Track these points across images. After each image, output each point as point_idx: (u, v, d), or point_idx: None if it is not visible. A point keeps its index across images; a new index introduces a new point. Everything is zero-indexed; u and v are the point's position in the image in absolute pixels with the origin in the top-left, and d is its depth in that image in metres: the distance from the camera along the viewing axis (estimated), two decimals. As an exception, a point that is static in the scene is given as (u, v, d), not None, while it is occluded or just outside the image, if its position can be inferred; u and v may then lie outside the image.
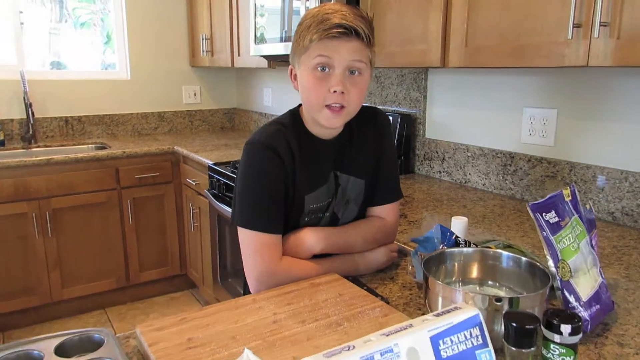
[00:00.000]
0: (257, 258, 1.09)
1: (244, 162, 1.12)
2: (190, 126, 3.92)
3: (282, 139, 1.12)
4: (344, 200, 1.22)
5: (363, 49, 1.08)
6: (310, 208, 1.17)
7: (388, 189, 1.26)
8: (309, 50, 1.07)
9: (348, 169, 1.21)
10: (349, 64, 1.07)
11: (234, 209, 1.13)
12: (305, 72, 1.09)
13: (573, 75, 1.71)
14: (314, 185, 1.17)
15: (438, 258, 1.01)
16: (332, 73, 1.06)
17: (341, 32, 1.04)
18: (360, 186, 1.23)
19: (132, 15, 3.54)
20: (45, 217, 2.84)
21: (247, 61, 2.98)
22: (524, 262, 0.95)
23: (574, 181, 1.72)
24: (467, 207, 1.81)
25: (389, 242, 1.25)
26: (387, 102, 2.49)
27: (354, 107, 1.11)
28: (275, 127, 1.14)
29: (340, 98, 1.06)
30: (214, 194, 2.56)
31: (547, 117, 1.80)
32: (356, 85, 1.08)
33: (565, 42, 1.31)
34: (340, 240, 1.18)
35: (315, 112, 1.10)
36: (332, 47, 1.05)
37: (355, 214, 1.24)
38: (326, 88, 1.06)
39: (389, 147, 1.27)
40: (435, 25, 1.69)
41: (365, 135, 1.23)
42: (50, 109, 3.38)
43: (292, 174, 1.12)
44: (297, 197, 1.14)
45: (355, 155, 1.21)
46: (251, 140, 1.12)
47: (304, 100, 1.13)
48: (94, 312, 3.15)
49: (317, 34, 1.04)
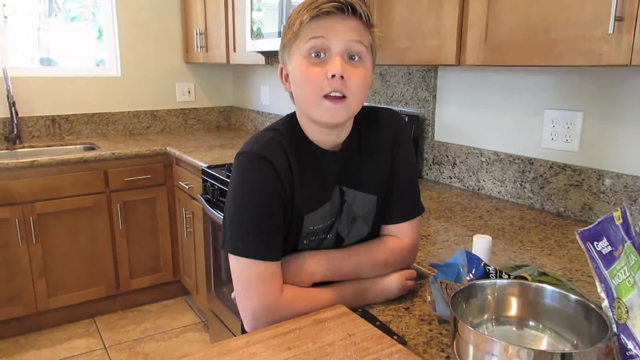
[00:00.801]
0: (253, 292, 0.93)
1: (234, 176, 0.96)
2: (185, 125, 3.75)
3: (278, 148, 0.95)
4: (350, 218, 1.05)
5: (362, 29, 0.93)
6: (310, 230, 1.01)
7: (405, 204, 1.09)
8: (300, 35, 0.92)
9: (356, 183, 1.04)
10: (347, 45, 0.91)
11: (224, 231, 0.96)
12: (298, 62, 0.93)
13: (602, 73, 1.55)
14: (315, 204, 1.00)
15: (467, 292, 0.85)
16: (328, 57, 0.91)
17: (335, 6, 0.90)
18: (371, 202, 1.06)
19: (122, 8, 3.36)
20: (29, 222, 2.68)
21: (243, 57, 2.81)
22: (574, 301, 0.79)
23: (602, 191, 1.56)
24: (484, 218, 1.65)
25: (405, 266, 1.09)
26: (393, 102, 2.33)
27: (356, 99, 0.94)
28: (270, 135, 0.97)
29: (340, 84, 0.91)
30: (208, 199, 2.39)
31: (572, 120, 1.64)
32: (357, 72, 0.93)
33: (604, 37, 1.15)
34: (346, 267, 1.02)
35: (313, 108, 0.94)
36: (326, 25, 0.91)
37: (367, 233, 1.08)
38: (323, 74, 0.91)
39: (407, 154, 1.09)
40: (450, 18, 1.53)
41: (377, 142, 1.06)
42: (36, 107, 3.20)
43: (289, 190, 0.96)
44: (295, 218, 0.98)
45: (364, 167, 1.05)
46: (242, 150, 0.96)
47: (299, 96, 0.97)
48: (82, 321, 2.99)
49: (308, 13, 0.90)
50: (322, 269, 1.00)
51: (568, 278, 1.19)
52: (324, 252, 1.03)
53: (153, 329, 2.91)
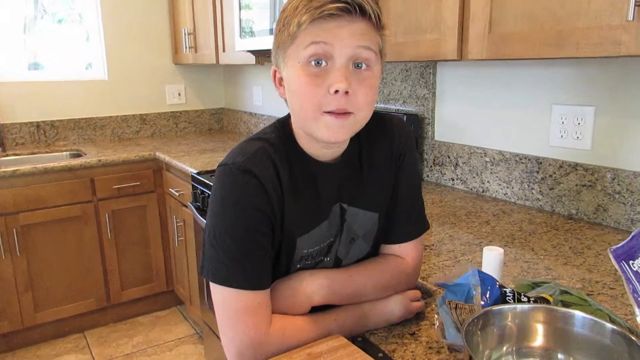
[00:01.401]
0: (239, 326, 0.80)
1: (215, 191, 0.83)
2: (175, 129, 3.63)
3: (266, 160, 0.83)
4: (349, 238, 0.94)
5: (372, 33, 0.79)
6: (304, 253, 0.89)
7: (410, 223, 0.97)
8: (298, 38, 0.78)
9: (357, 199, 0.92)
10: (354, 53, 0.77)
11: (203, 255, 0.84)
12: (295, 69, 0.79)
13: (614, 64, 1.44)
14: (310, 224, 0.88)
15: (482, 319, 0.74)
16: (331, 67, 0.77)
17: (341, 7, 0.75)
18: (372, 220, 0.94)
19: (107, 9, 3.24)
20: (13, 234, 2.55)
21: (233, 57, 2.69)
22: (609, 331, 0.68)
23: (618, 192, 1.45)
24: (490, 223, 1.54)
25: (409, 287, 0.97)
26: (390, 101, 2.21)
27: (363, 114, 0.81)
28: (258, 145, 0.85)
29: (344, 101, 0.77)
30: (198, 207, 2.28)
31: (582, 116, 1.53)
32: (365, 84, 0.79)
33: (623, 25, 1.04)
34: (347, 289, 0.90)
35: (310, 124, 0.81)
36: (330, 30, 0.76)
37: (366, 252, 0.97)
38: (324, 88, 0.77)
39: (412, 168, 0.97)
40: (451, 10, 1.42)
41: (381, 153, 0.94)
42: (20, 113, 3.08)
43: (279, 210, 0.84)
44: (286, 240, 0.86)
45: (366, 182, 0.93)
46: (225, 161, 0.83)
47: (295, 109, 0.83)
48: (71, 336, 2.87)
49: (308, 14, 0.75)
50: (322, 291, 0.88)
51: (588, 292, 1.08)
52: (323, 271, 0.91)
53: (146, 342, 2.79)
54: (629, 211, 1.43)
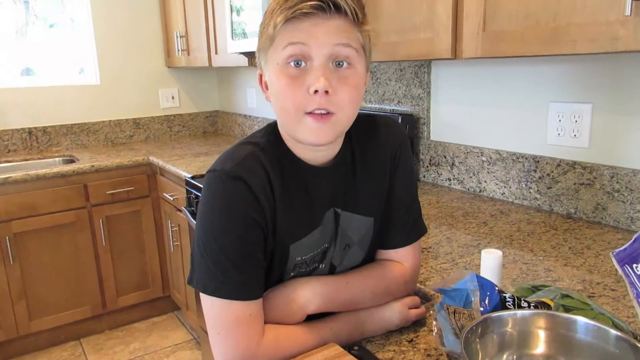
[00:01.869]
0: (230, 337, 0.78)
1: (203, 199, 0.81)
2: (170, 132, 3.60)
3: (256, 166, 0.81)
4: (343, 245, 0.91)
5: (350, 29, 0.78)
6: (297, 261, 0.86)
7: (407, 227, 0.95)
8: (275, 39, 0.77)
9: (351, 204, 0.90)
10: (332, 51, 0.76)
11: (192, 265, 0.81)
12: (275, 71, 0.78)
13: (611, 61, 1.42)
14: (303, 231, 0.86)
15: (481, 327, 0.71)
16: (310, 67, 0.76)
17: (314, 5, 0.74)
18: (368, 225, 0.92)
19: (98, 13, 3.21)
20: (5, 242, 2.52)
21: (226, 59, 2.67)
22: (613, 337, 0.66)
23: (617, 190, 1.43)
24: (488, 224, 1.52)
25: (408, 293, 0.95)
26: (385, 101, 2.19)
27: (346, 113, 0.79)
28: (248, 150, 0.82)
29: (324, 101, 0.75)
30: (192, 211, 2.25)
31: (579, 113, 1.51)
32: (346, 82, 0.77)
33: (620, 20, 1.02)
34: (343, 296, 0.87)
35: (294, 126, 0.79)
36: (305, 29, 0.75)
37: (361, 259, 0.94)
38: (304, 89, 0.76)
39: (407, 171, 0.95)
40: (444, 8, 1.39)
41: (374, 156, 0.92)
42: (12, 120, 3.05)
43: (270, 217, 0.81)
44: (278, 248, 0.84)
45: (360, 185, 0.90)
46: (214, 167, 0.81)
47: (278, 111, 0.81)
48: (67, 344, 2.83)
49: (282, 14, 0.74)
50: (317, 299, 0.85)
51: (589, 294, 1.06)
52: (317, 278, 0.88)
53: (143, 349, 2.76)
54: (628, 209, 1.41)
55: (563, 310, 0.80)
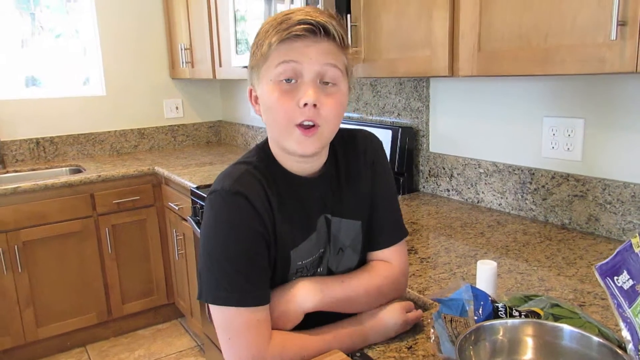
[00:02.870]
0: (240, 342, 0.84)
1: (207, 218, 0.87)
2: (174, 142, 3.66)
3: (253, 181, 0.88)
4: (336, 249, 0.98)
5: (337, 52, 0.87)
6: (298, 265, 0.93)
7: (391, 228, 1.03)
8: (269, 58, 0.86)
9: (339, 210, 0.98)
10: (320, 70, 0.85)
11: (200, 279, 0.87)
12: (267, 86, 0.87)
13: (602, 79, 1.48)
14: (300, 237, 0.93)
15: (475, 335, 0.77)
16: (300, 83, 0.85)
17: (307, 29, 0.82)
18: (356, 229, 0.99)
19: (104, 26, 3.28)
20: (14, 251, 2.58)
21: (230, 72, 2.73)
22: (596, 344, 0.71)
23: (609, 202, 1.48)
24: (485, 235, 1.57)
25: (399, 293, 1.02)
26: (385, 113, 2.25)
27: (329, 127, 0.88)
28: (243, 168, 0.90)
29: (312, 113, 0.84)
30: (197, 221, 2.31)
31: (572, 128, 1.57)
32: (331, 98, 0.86)
33: (606, 43, 1.08)
34: (339, 295, 0.93)
35: (284, 137, 0.87)
36: (297, 49, 0.84)
37: (356, 263, 1.01)
38: (294, 102, 0.84)
39: (385, 176, 1.03)
40: (441, 27, 1.46)
41: (356, 165, 1.00)
42: (20, 130, 3.11)
43: (271, 226, 0.88)
44: (280, 255, 0.90)
45: (346, 192, 0.99)
46: (214, 188, 0.88)
47: (269, 124, 0.90)
48: (73, 350, 2.88)
49: (277, 35, 0.83)
50: (314, 297, 0.91)
51: (580, 303, 1.11)
52: (315, 278, 0.95)
53: (147, 355, 2.81)
54: (619, 221, 1.47)
55: (552, 318, 0.86)
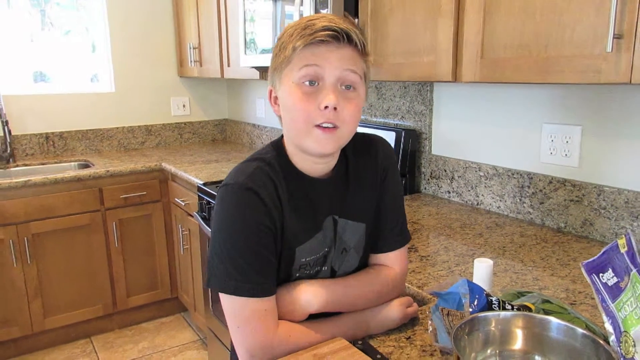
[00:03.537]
0: (248, 329, 0.90)
1: (219, 210, 0.92)
2: (180, 139, 3.73)
3: (265, 178, 0.92)
4: (340, 249, 1.03)
5: (357, 59, 0.91)
6: (302, 262, 0.98)
7: (395, 233, 1.07)
8: (293, 61, 0.89)
9: (346, 211, 1.02)
10: (341, 75, 0.89)
11: (211, 269, 0.92)
12: (289, 88, 0.90)
13: (600, 88, 1.54)
14: (307, 235, 0.97)
15: (469, 325, 0.82)
16: (321, 87, 0.89)
17: (330, 35, 0.87)
18: (361, 231, 1.04)
19: (115, 24, 3.35)
20: (24, 243, 2.64)
21: (238, 72, 2.79)
22: (580, 335, 0.77)
23: (604, 207, 1.54)
24: (484, 235, 1.63)
25: (397, 295, 1.07)
26: (390, 116, 2.31)
27: (348, 129, 0.92)
28: (256, 165, 0.94)
29: (332, 115, 0.88)
30: (204, 216, 2.37)
31: (570, 135, 1.62)
32: (350, 102, 0.90)
33: (602, 55, 1.13)
34: (343, 298, 0.98)
35: (302, 136, 0.91)
36: (321, 54, 0.88)
37: (357, 263, 1.06)
38: (315, 104, 0.88)
39: (395, 183, 1.08)
40: (445, 35, 1.51)
41: (364, 169, 1.04)
42: (30, 125, 3.18)
43: (279, 223, 0.93)
44: (285, 250, 0.95)
45: (354, 195, 1.03)
46: (227, 182, 0.93)
47: (288, 123, 0.93)
48: (79, 341, 2.95)
49: (302, 40, 0.87)
50: (318, 300, 0.96)
51: (571, 301, 1.17)
52: (320, 281, 1.00)
53: (151, 347, 2.87)
54: (613, 225, 1.52)
55: (543, 313, 0.91)
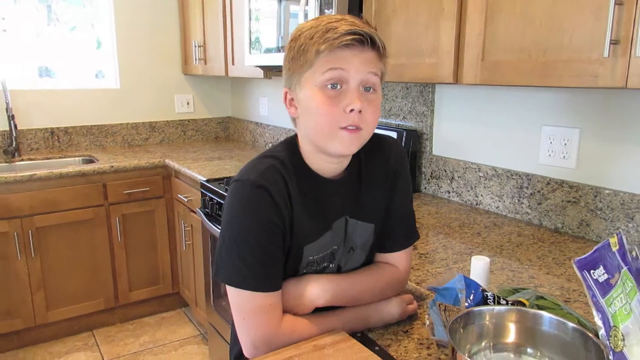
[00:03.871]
0: (253, 322, 0.92)
1: (229, 204, 0.94)
2: (183, 136, 3.76)
3: (277, 177, 0.94)
4: (348, 247, 1.05)
5: (378, 61, 0.92)
6: (309, 260, 1.00)
7: (403, 234, 1.10)
8: (315, 64, 0.89)
9: (357, 212, 1.04)
10: (364, 78, 0.90)
11: (220, 261, 0.94)
12: (312, 91, 0.91)
13: (598, 92, 1.57)
14: (316, 234, 0.99)
15: (465, 318, 0.85)
16: (345, 90, 0.90)
17: (356, 39, 0.87)
18: (370, 231, 1.06)
19: (120, 21, 3.38)
20: (28, 236, 2.68)
21: (242, 70, 2.82)
22: (571, 329, 0.80)
23: (600, 208, 1.57)
24: (482, 235, 1.66)
25: (398, 292, 1.10)
26: (391, 116, 2.34)
27: (369, 129, 0.94)
28: (269, 162, 0.96)
29: (357, 118, 0.89)
30: (207, 213, 2.40)
31: (568, 137, 1.65)
32: (372, 104, 0.92)
33: (599, 60, 1.16)
34: (349, 293, 1.01)
35: (326, 139, 0.92)
36: (345, 57, 0.88)
37: (362, 261, 1.08)
38: (340, 108, 0.89)
39: (405, 185, 1.10)
40: (447, 37, 1.54)
41: (376, 169, 1.06)
42: (35, 120, 3.21)
43: (288, 221, 0.95)
44: (294, 248, 0.97)
45: (365, 196, 1.05)
46: (239, 177, 0.94)
47: (311, 127, 0.94)
48: (81, 334, 2.98)
49: (326, 44, 0.87)
50: (326, 294, 0.99)
51: (565, 299, 1.20)
52: (327, 277, 1.02)
53: (152, 342, 2.90)
54: (609, 226, 1.55)
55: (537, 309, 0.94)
